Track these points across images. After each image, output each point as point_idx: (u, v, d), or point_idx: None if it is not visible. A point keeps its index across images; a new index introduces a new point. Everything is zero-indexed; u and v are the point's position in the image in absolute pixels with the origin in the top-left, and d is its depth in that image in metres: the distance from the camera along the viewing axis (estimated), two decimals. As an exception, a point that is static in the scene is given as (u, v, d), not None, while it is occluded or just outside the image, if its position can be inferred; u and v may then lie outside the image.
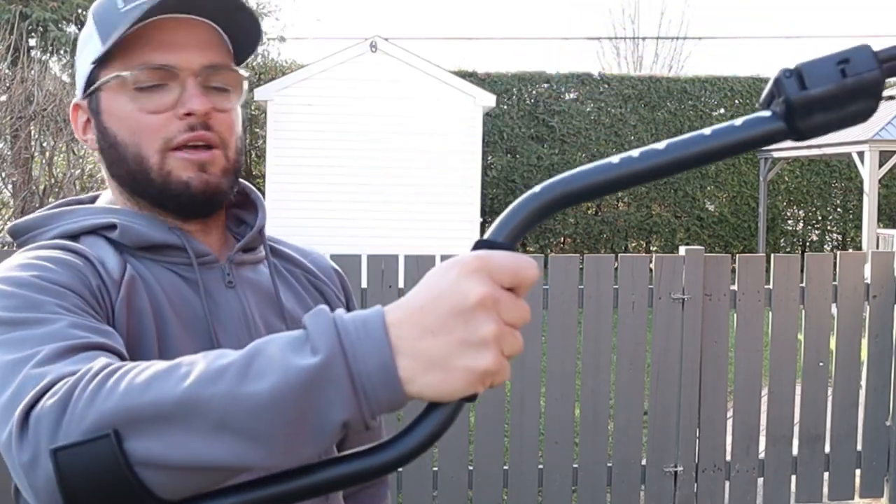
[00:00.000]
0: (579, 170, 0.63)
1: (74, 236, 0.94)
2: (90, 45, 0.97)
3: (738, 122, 0.63)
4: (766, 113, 0.62)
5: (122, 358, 0.76)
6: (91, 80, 0.96)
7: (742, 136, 0.62)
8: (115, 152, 0.96)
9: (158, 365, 0.62)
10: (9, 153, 6.99)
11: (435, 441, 0.61)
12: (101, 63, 0.94)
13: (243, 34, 0.98)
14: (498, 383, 0.59)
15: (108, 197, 1.02)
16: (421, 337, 0.57)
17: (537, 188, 0.63)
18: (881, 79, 0.61)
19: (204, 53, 0.94)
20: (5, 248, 6.17)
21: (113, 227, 0.94)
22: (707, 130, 0.63)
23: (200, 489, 0.61)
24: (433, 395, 0.58)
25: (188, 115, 0.92)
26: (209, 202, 0.97)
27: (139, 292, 0.91)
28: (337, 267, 1.16)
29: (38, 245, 0.92)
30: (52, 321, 0.76)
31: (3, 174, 7.25)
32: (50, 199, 7.18)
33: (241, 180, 1.05)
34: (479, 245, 0.61)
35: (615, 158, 0.63)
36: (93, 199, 1.04)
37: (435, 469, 3.53)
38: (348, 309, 1.08)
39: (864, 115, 0.61)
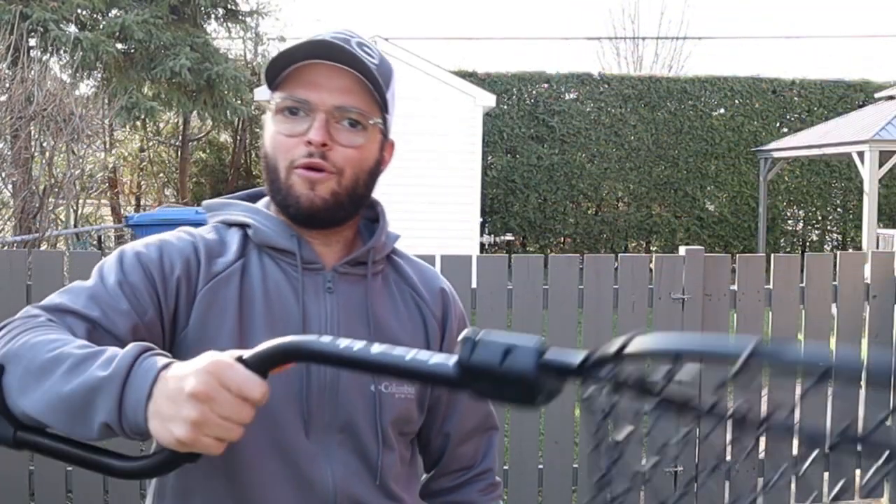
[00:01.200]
0: (316, 339, 0.80)
1: (229, 224, 1.21)
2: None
3: (433, 360, 0.74)
4: (452, 363, 0.72)
5: (101, 327, 1.04)
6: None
7: (425, 371, 0.74)
8: (264, 162, 1.18)
9: (44, 336, 0.93)
10: (9, 153, 6.98)
11: (150, 474, 0.88)
12: (273, 91, 1.17)
13: (379, 84, 1.14)
14: (203, 453, 0.82)
15: (267, 198, 1.24)
16: (162, 396, 0.82)
17: (286, 341, 0.81)
18: (534, 379, 0.66)
19: (339, 96, 1.13)
20: (4, 247, 6.17)
21: (249, 226, 1.19)
22: (409, 356, 0.75)
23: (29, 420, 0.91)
24: (156, 437, 0.83)
25: (309, 143, 1.12)
26: (314, 217, 1.16)
27: (231, 286, 1.14)
28: (447, 288, 1.31)
29: (185, 229, 1.20)
30: (91, 288, 1.07)
31: (3, 174, 7.24)
32: (50, 199, 7.17)
33: (377, 200, 1.27)
34: (239, 360, 0.82)
35: (342, 343, 0.78)
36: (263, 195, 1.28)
37: (435, 469, 3.52)
38: (444, 327, 1.27)
39: (522, 400, 0.67)
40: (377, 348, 0.77)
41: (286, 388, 1.12)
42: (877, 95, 15.39)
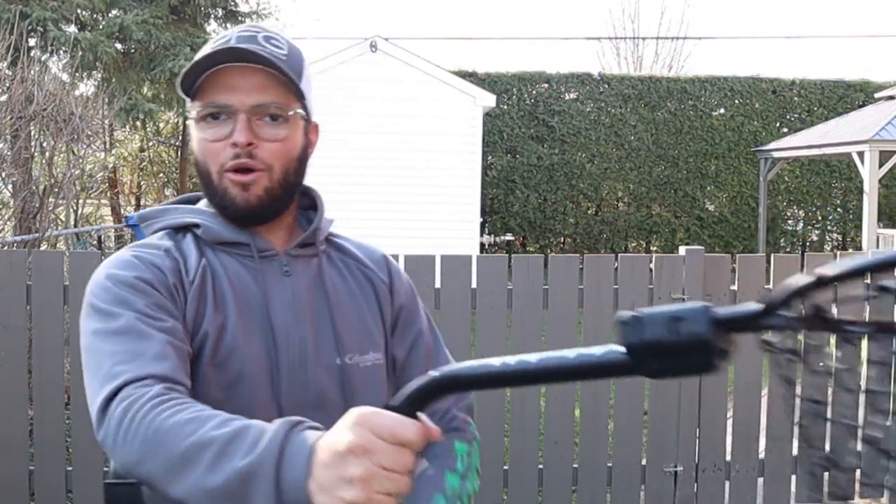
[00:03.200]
0: (467, 366, 0.76)
1: (175, 229, 1.23)
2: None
3: (599, 352, 0.72)
4: (622, 349, 0.70)
5: (175, 348, 1.06)
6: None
7: (595, 366, 0.72)
8: (197, 169, 1.22)
9: (176, 417, 0.91)
10: (9, 153, 6.97)
11: None
12: (193, 100, 1.19)
13: (290, 75, 1.18)
14: None
15: (206, 200, 1.27)
16: (321, 468, 0.78)
17: (436, 373, 0.77)
18: (710, 340, 0.65)
19: (255, 94, 1.16)
20: (4, 247, 6.16)
21: (198, 226, 1.21)
22: (572, 354, 0.73)
23: None
24: None
25: (235, 145, 1.16)
26: (252, 215, 1.20)
27: (206, 283, 1.17)
28: (387, 255, 1.39)
29: (143, 243, 1.20)
30: (128, 317, 1.06)
31: (3, 174, 7.24)
32: (50, 199, 7.17)
33: (311, 188, 1.31)
34: (386, 407, 0.78)
35: (497, 362, 0.75)
36: (199, 199, 1.30)
37: (435, 469, 3.52)
38: (391, 290, 1.32)
39: (700, 368, 0.67)
40: (534, 357, 0.73)
41: (258, 368, 1.16)
42: (877, 95, 15.39)
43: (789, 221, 17.28)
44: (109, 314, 1.08)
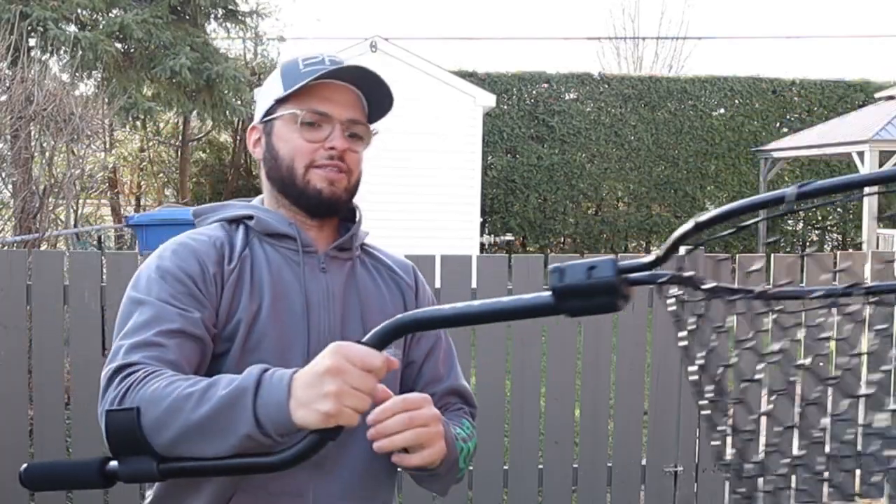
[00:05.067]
0: (424, 310, 0.98)
1: (229, 221, 1.40)
2: (274, 88, 1.40)
3: (528, 297, 0.90)
4: (548, 293, 0.87)
5: (191, 335, 1.23)
6: (270, 111, 1.40)
7: (527, 307, 0.90)
8: (276, 163, 1.39)
9: (162, 382, 1.09)
10: (9, 153, 6.97)
11: (301, 458, 0.99)
12: (281, 102, 1.38)
13: (378, 101, 1.42)
14: (345, 423, 0.98)
15: (263, 196, 1.46)
16: (301, 387, 1.00)
17: (401, 316, 0.97)
18: (616, 283, 0.83)
19: (349, 110, 1.38)
20: (4, 247, 6.16)
21: (251, 217, 1.39)
22: (505, 298, 0.91)
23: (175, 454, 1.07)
24: (303, 424, 0.99)
25: (332, 148, 1.36)
26: (331, 207, 1.39)
27: (245, 272, 1.33)
28: (413, 265, 1.57)
29: (198, 231, 1.39)
30: (153, 312, 1.22)
31: (3, 174, 7.24)
32: (50, 199, 7.17)
33: (354, 202, 1.48)
34: (358, 342, 0.99)
35: (447, 307, 0.94)
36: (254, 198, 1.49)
37: (435, 469, 3.52)
38: (417, 294, 1.51)
39: (608, 307, 0.85)
40: (477, 303, 0.92)
41: (287, 354, 1.30)
42: (877, 95, 15.39)
43: (789, 221, 17.27)
44: (138, 303, 1.25)
